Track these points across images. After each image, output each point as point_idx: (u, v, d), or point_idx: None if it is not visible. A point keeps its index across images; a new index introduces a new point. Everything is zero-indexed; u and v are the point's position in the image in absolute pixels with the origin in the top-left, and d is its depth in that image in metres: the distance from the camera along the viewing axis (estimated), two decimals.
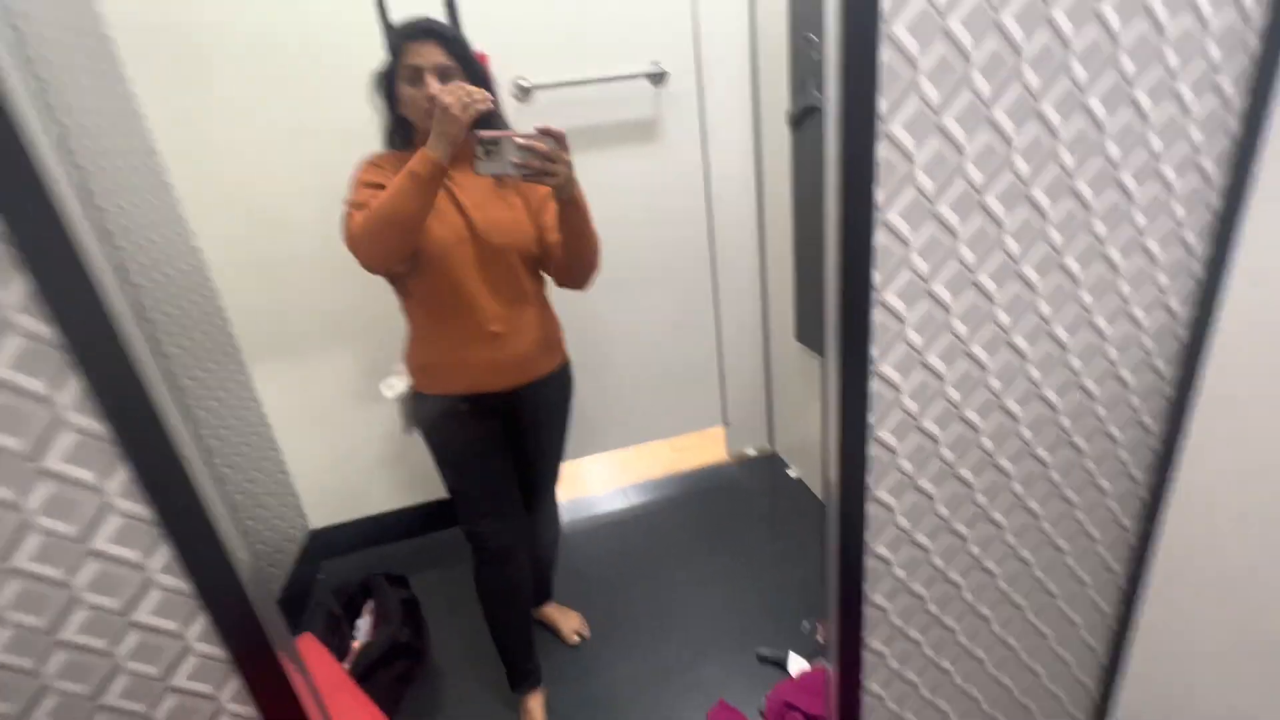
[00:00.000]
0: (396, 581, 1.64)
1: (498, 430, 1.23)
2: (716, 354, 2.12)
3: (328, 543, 1.93)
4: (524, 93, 1.67)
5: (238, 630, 0.61)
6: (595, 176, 1.60)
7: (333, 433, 1.84)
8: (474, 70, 1.06)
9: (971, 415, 0.77)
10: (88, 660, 0.59)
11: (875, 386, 0.70)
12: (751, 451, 2.29)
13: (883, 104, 0.60)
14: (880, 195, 0.63)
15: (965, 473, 0.80)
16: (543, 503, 1.41)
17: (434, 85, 1.01)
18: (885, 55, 0.58)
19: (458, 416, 1.17)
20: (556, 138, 0.95)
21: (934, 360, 0.72)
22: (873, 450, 0.73)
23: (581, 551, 1.89)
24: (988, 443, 0.80)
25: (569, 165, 0.99)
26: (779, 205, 1.85)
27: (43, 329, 0.50)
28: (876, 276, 0.65)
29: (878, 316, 0.67)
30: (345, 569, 1.89)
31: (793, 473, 2.13)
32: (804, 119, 1.58)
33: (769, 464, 2.24)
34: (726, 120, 1.87)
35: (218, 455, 1.51)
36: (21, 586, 0.56)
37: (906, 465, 0.76)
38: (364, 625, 1.57)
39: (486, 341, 1.13)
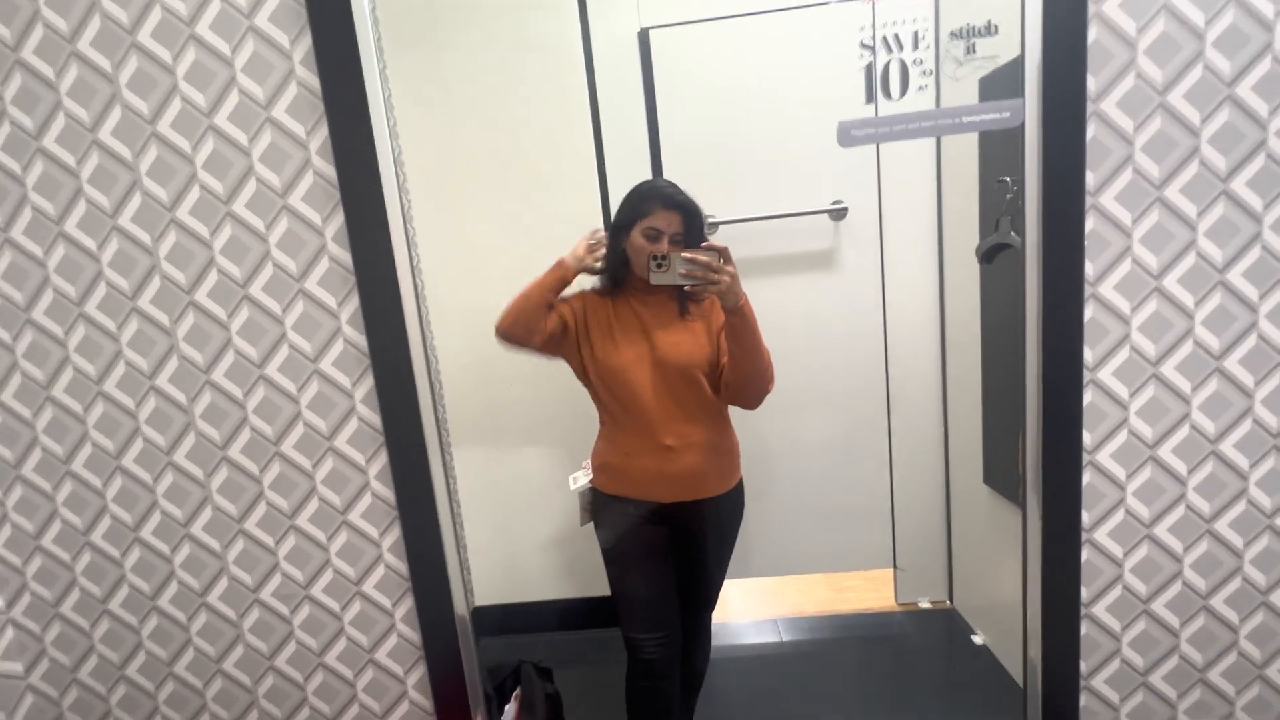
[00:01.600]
0: (543, 674, 1.68)
1: (665, 539, 1.27)
2: (889, 489, 1.99)
3: (485, 619, 2.06)
4: (711, 227, 1.86)
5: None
6: (771, 302, 1.69)
7: (512, 516, 2.01)
8: (698, 239, 1.23)
9: (1222, 608, 0.65)
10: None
11: (1088, 555, 0.64)
12: (925, 604, 2.04)
13: (1089, 268, 0.59)
14: (1089, 355, 0.60)
15: (1219, 679, 0.66)
16: (698, 622, 1.39)
17: (664, 246, 1.20)
18: (1091, 224, 0.59)
19: (628, 518, 1.25)
20: (720, 252, 1.11)
21: (1164, 535, 0.64)
22: (1085, 629, 0.65)
23: (725, 681, 1.78)
24: (1250, 647, 0.66)
25: (733, 276, 1.12)
26: (964, 340, 1.77)
27: (374, 418, 0.66)
28: (1087, 437, 0.61)
29: (1089, 478, 0.62)
30: (496, 649, 1.98)
31: (978, 639, 1.85)
32: (995, 255, 1.55)
33: (945, 620, 1.97)
34: (907, 254, 1.88)
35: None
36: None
37: (1133, 656, 0.66)
38: (510, 711, 1.62)
39: (659, 453, 1.22)
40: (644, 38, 1.80)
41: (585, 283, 1.33)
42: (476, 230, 1.86)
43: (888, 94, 0.68)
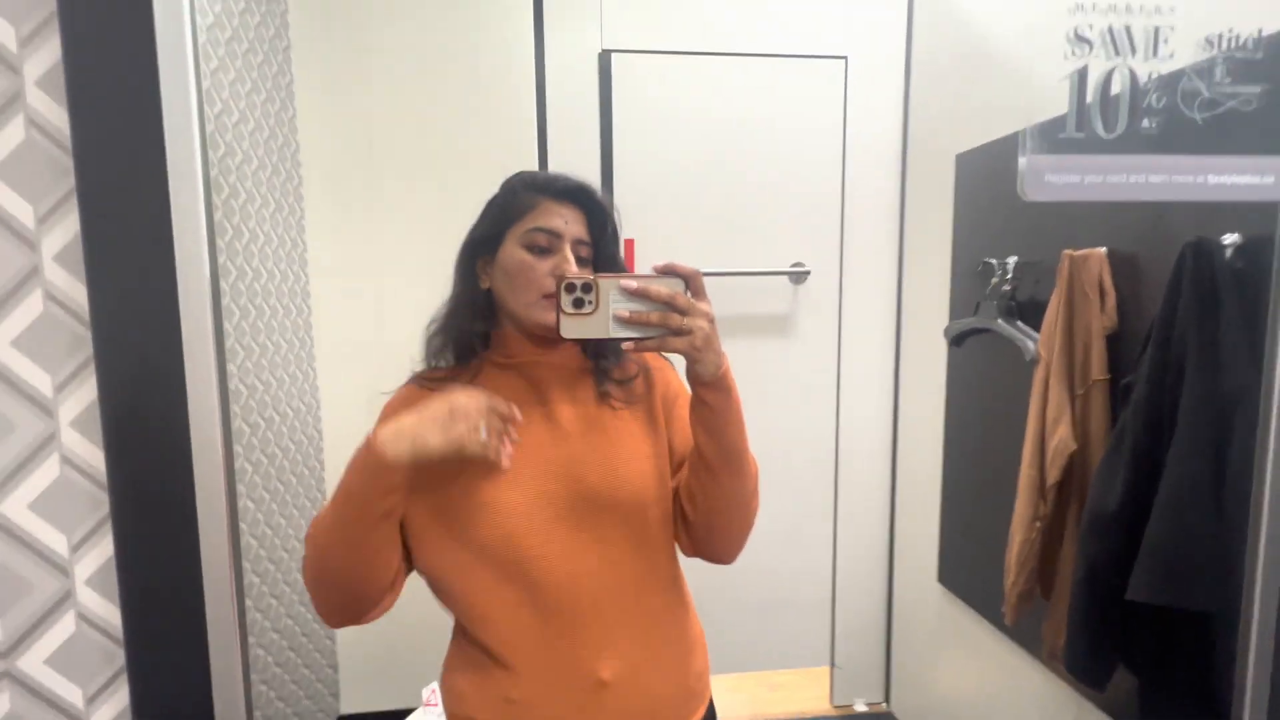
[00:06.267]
0: None
1: None
2: (831, 581, 1.82)
3: None
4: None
5: None
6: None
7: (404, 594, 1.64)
8: (610, 256, 0.76)
9: None
10: None
11: None
12: (862, 706, 1.86)
13: None
14: None
15: None
16: None
17: (570, 265, 0.70)
18: None
19: None
20: (686, 278, 0.62)
21: None
22: None
23: None
24: None
25: (709, 319, 0.62)
26: (923, 427, 1.66)
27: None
28: None
29: None
30: None
31: None
32: (965, 339, 1.45)
33: None
34: (867, 325, 1.77)
35: (274, 613, 1.34)
36: None
37: None
38: None
39: (584, 694, 0.69)
40: (605, 61, 1.61)
41: (399, 367, 0.79)
42: (392, 260, 1.56)
43: (1105, 124, 0.47)
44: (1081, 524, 1.01)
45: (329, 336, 1.56)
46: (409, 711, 1.72)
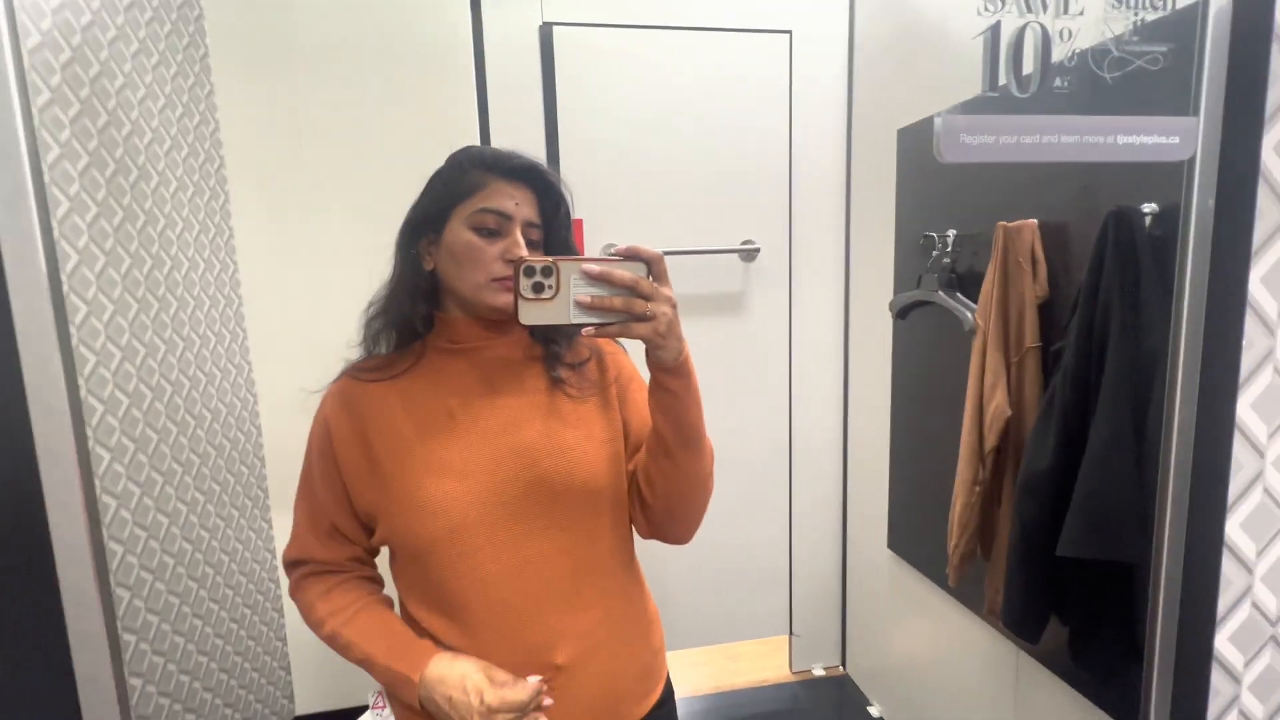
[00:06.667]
0: None
1: None
2: (788, 552, 1.86)
3: None
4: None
5: None
6: None
7: None
8: (562, 240, 0.74)
9: None
10: None
11: None
12: (819, 670, 1.93)
13: None
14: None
15: None
16: None
17: (521, 249, 0.68)
18: None
19: None
20: (649, 262, 0.60)
21: None
22: None
23: None
24: None
25: (672, 304, 0.61)
26: (871, 397, 1.70)
27: None
28: None
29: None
30: None
31: (874, 711, 1.75)
32: (909, 311, 1.48)
33: (839, 688, 1.87)
34: (816, 301, 1.79)
35: (216, 618, 1.29)
36: None
37: None
38: None
39: (544, 677, 0.69)
40: (546, 34, 1.56)
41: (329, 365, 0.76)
42: (328, 246, 1.48)
43: (1019, 84, 0.46)
44: (1016, 485, 1.05)
45: (263, 328, 1.48)
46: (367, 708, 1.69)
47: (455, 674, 0.66)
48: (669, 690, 0.81)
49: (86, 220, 0.96)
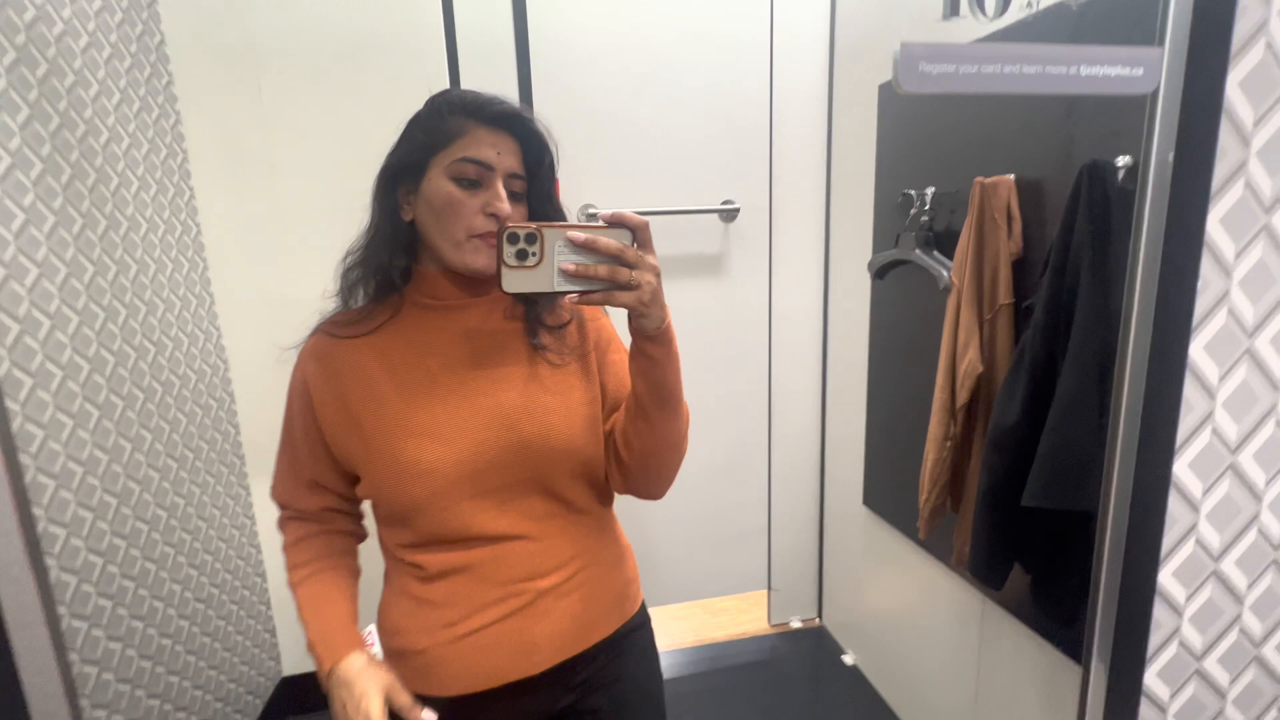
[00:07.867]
0: None
1: None
2: (767, 509, 1.90)
3: (301, 692, 1.64)
4: (591, 218, 1.61)
5: None
6: None
7: None
8: (546, 194, 0.73)
9: None
10: None
11: None
12: (797, 623, 1.99)
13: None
14: None
15: None
16: None
17: (503, 204, 0.66)
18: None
19: None
20: (634, 229, 0.59)
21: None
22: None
23: None
24: None
25: (656, 273, 0.60)
26: (848, 357, 1.71)
27: None
28: None
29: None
30: None
31: (849, 659, 1.82)
32: (888, 271, 1.48)
33: (815, 640, 1.93)
34: (796, 261, 1.78)
35: (196, 583, 1.29)
36: None
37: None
38: None
39: (517, 612, 0.71)
40: None
41: (306, 316, 0.75)
42: (294, 204, 1.44)
43: (981, 7, 0.44)
44: (985, 439, 1.07)
45: (230, 290, 1.44)
46: None
47: (358, 685, 0.66)
48: (644, 614, 0.84)
49: (44, 230, 0.92)
